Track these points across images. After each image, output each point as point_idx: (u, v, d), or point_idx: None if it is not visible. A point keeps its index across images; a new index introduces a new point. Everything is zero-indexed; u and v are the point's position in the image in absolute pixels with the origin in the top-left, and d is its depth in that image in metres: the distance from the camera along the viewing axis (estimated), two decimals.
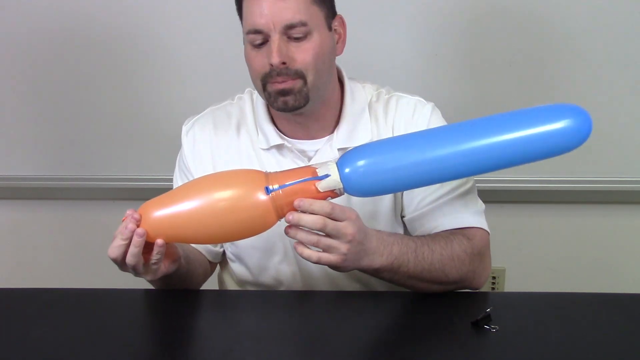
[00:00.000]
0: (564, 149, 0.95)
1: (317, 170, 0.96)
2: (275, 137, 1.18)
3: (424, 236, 1.13)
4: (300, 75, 1.09)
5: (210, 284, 1.36)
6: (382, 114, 1.20)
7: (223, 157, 1.22)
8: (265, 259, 1.23)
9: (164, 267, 1.03)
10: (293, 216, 0.95)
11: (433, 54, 1.79)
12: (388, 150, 0.97)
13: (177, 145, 1.30)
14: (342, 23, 1.18)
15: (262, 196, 0.93)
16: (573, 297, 1.13)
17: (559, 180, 1.86)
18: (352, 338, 0.99)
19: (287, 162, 1.19)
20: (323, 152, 1.18)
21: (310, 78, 1.10)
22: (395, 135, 1.19)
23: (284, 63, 1.07)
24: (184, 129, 1.26)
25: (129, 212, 0.97)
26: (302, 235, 0.97)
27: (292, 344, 0.99)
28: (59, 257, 2.04)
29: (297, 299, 1.15)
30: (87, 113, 1.89)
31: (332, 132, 1.19)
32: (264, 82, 1.10)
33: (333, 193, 0.96)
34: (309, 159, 1.19)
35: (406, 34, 1.78)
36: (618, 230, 1.95)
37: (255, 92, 1.23)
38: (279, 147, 1.19)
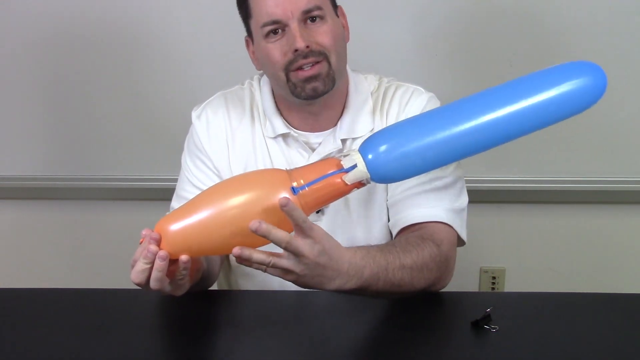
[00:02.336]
0: (584, 106, 0.94)
1: (341, 162, 0.92)
2: (281, 126, 1.20)
3: (397, 244, 1.08)
4: (324, 56, 1.10)
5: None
6: (379, 103, 1.22)
7: (237, 139, 1.22)
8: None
9: (189, 281, 0.98)
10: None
11: (433, 54, 1.79)
12: (409, 131, 0.93)
13: (178, 146, 1.29)
14: (343, 14, 1.20)
15: (289, 196, 0.89)
16: (573, 297, 1.13)
17: (559, 180, 1.86)
18: (352, 338, 0.99)
19: (291, 152, 1.20)
20: (326, 144, 1.19)
21: (333, 59, 1.11)
22: (390, 123, 1.20)
23: (307, 47, 1.09)
24: (194, 114, 1.25)
25: (145, 232, 0.90)
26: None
27: (292, 344, 0.99)
28: (59, 257, 2.04)
29: (297, 299, 1.15)
30: (87, 113, 1.89)
31: (336, 124, 1.20)
32: (287, 72, 1.11)
33: (360, 184, 0.93)
34: (313, 150, 1.20)
35: (406, 34, 1.78)
36: (618, 230, 1.95)
37: (262, 79, 1.24)
38: (284, 136, 1.20)
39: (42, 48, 1.84)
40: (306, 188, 0.90)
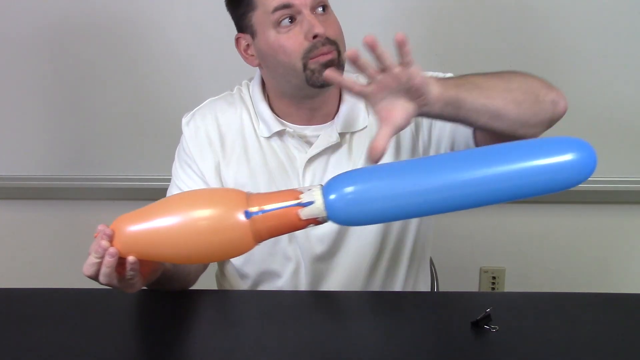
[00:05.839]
0: (570, 184, 0.89)
1: (301, 195, 0.89)
2: (275, 124, 1.19)
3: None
4: (336, 46, 1.11)
5: (210, 284, 1.36)
6: None
7: (228, 144, 1.22)
8: (271, 243, 1.21)
9: (142, 280, 0.99)
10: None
11: (433, 54, 1.79)
12: (377, 178, 0.89)
13: (177, 146, 1.29)
14: None
15: (241, 218, 0.87)
16: (573, 297, 1.13)
17: None
18: (352, 338, 0.99)
19: (289, 148, 1.20)
20: (324, 137, 1.19)
21: (342, 49, 1.13)
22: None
23: (324, 33, 1.09)
24: (184, 120, 1.25)
25: (100, 227, 0.93)
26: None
27: (292, 345, 0.99)
28: (59, 257, 2.04)
29: (297, 299, 1.15)
30: (87, 113, 1.89)
31: (333, 118, 1.20)
32: (305, 61, 1.10)
33: (316, 220, 0.89)
34: (311, 144, 1.19)
35: (406, 34, 1.78)
36: (618, 230, 1.95)
37: (251, 83, 1.24)
38: (280, 134, 1.20)
39: (42, 48, 1.84)
40: (260, 214, 0.88)
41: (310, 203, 0.88)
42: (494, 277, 2.02)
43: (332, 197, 0.87)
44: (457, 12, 1.76)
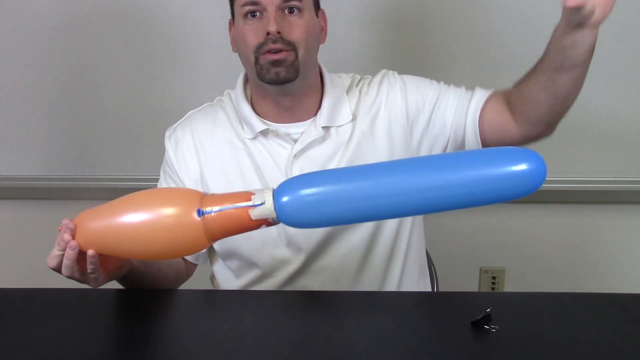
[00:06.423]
0: (521, 193, 0.90)
1: (252, 197, 0.92)
2: (259, 124, 1.20)
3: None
4: (292, 47, 1.14)
5: (208, 284, 1.36)
6: (364, 94, 1.25)
7: (210, 154, 1.23)
8: (259, 246, 1.23)
9: (104, 276, 1.01)
10: None
11: (433, 54, 1.79)
12: (328, 182, 0.91)
13: None
14: (325, 17, 1.24)
15: (195, 217, 0.91)
16: (573, 297, 1.13)
17: (559, 180, 1.86)
18: (351, 338, 0.99)
19: (274, 147, 1.21)
20: (309, 132, 1.20)
21: (301, 52, 1.15)
22: (375, 112, 1.23)
23: (278, 33, 1.12)
24: (167, 134, 1.28)
25: (65, 221, 0.97)
26: None
27: (291, 345, 0.99)
28: None
29: (297, 299, 1.15)
30: (87, 113, 1.89)
31: (315, 114, 1.22)
32: (257, 55, 1.14)
33: (266, 221, 0.92)
34: (295, 141, 1.20)
35: (406, 34, 1.78)
36: (618, 230, 1.95)
37: (233, 92, 1.26)
38: (264, 133, 1.21)
39: (41, 48, 1.84)
40: (212, 213, 0.91)
41: (261, 204, 0.91)
42: (494, 277, 2.02)
43: (285, 199, 0.90)
44: (457, 13, 1.76)
